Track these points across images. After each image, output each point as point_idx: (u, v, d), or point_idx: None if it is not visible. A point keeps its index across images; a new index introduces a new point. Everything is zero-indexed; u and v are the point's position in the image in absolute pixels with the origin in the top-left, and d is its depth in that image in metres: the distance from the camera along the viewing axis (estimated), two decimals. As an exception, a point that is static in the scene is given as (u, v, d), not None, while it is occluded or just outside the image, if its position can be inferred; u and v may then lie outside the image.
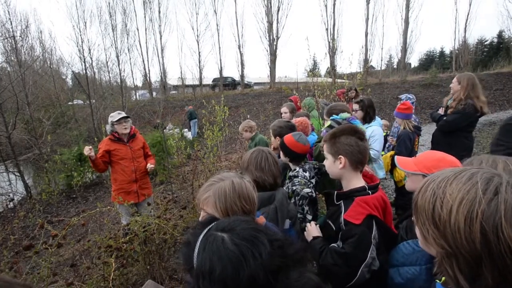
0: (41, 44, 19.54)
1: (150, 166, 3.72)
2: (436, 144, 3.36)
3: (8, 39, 13.66)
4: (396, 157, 1.49)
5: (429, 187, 0.70)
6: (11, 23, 15.16)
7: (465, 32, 22.11)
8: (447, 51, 34.68)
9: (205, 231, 0.73)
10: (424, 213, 0.70)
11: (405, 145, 3.19)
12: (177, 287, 2.65)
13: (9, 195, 7.61)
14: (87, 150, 3.32)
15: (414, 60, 37.90)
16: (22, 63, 12.90)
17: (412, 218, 0.79)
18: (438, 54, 37.31)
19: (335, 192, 1.50)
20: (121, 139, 3.64)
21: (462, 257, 0.62)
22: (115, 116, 3.62)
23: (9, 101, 8.98)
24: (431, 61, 34.36)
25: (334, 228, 1.44)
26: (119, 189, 3.60)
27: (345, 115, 2.12)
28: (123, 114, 3.66)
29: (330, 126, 2.11)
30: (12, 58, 14.63)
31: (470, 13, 21.37)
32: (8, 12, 15.17)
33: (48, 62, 18.90)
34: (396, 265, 1.25)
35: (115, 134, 3.62)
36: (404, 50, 21.02)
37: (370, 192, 1.42)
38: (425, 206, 0.69)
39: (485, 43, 30.01)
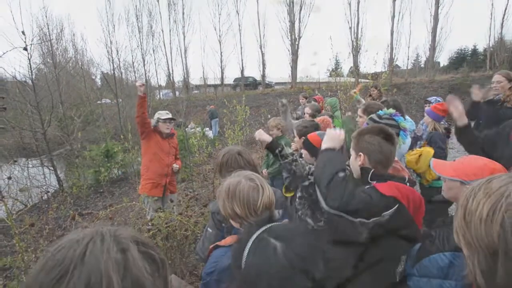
0: (74, 46, 20.85)
1: (175, 166, 3.87)
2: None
3: (45, 42, 14.58)
4: (432, 159, 1.37)
5: (472, 186, 0.69)
6: (48, 28, 16.24)
7: (501, 28, 20.57)
8: (480, 49, 32.59)
9: (258, 232, 0.68)
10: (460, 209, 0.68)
11: (438, 145, 2.96)
12: (197, 283, 2.71)
13: (44, 188, 8.13)
14: (140, 83, 3.43)
15: (443, 59, 35.70)
16: (57, 64, 13.71)
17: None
18: (470, 52, 35.16)
19: (372, 169, 1.44)
20: (162, 133, 3.78)
21: (481, 251, 0.60)
22: (163, 114, 3.77)
23: (44, 100, 9.56)
24: (462, 60, 32.37)
25: None
26: (148, 179, 3.68)
27: (390, 110, 2.15)
28: (170, 116, 3.81)
29: (371, 119, 2.20)
30: (48, 60, 15.64)
31: (508, 7, 19.95)
32: (46, 17, 16.26)
33: (80, 63, 19.91)
34: (428, 276, 1.14)
35: (157, 129, 3.76)
36: (433, 48, 20.01)
37: (408, 184, 1.39)
38: (462, 202, 0.68)
39: (525, 39, 27.87)
